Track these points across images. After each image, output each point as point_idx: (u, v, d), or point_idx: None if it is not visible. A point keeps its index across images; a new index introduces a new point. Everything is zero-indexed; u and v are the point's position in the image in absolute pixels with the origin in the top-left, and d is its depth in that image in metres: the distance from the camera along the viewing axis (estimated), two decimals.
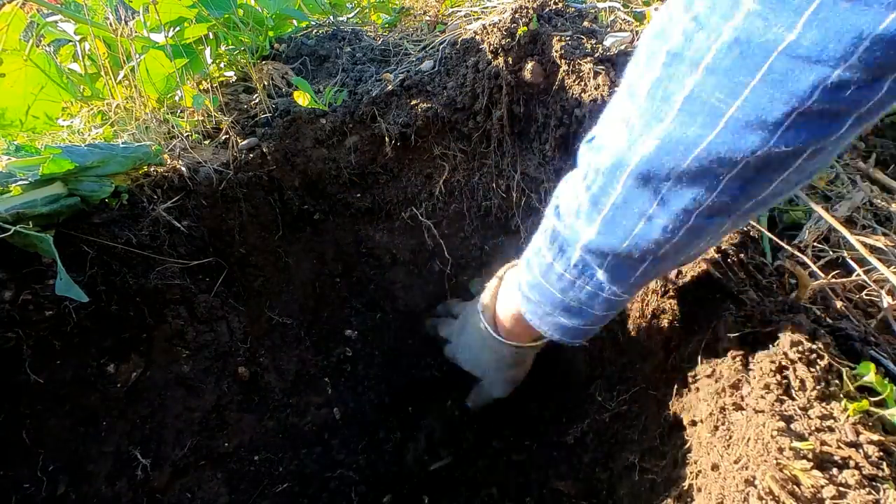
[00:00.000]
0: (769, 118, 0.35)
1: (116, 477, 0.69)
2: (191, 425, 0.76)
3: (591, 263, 0.54)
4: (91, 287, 0.69)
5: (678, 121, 0.39)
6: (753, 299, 0.63)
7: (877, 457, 0.44)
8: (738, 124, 0.36)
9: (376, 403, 0.95)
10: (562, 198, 0.56)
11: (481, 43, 0.93)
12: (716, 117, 0.37)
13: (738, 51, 0.34)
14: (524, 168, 1.00)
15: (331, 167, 0.99)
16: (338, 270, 1.06)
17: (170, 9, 0.99)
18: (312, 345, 0.99)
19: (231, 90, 1.09)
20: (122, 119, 0.96)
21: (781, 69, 0.33)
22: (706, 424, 0.55)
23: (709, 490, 0.49)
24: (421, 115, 0.96)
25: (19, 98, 1.03)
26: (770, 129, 0.35)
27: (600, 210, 0.49)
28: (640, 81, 0.41)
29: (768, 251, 0.75)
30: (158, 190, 0.82)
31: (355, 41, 1.15)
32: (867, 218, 0.82)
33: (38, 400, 0.66)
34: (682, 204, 0.43)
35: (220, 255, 0.88)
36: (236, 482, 0.77)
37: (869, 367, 0.51)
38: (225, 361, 0.82)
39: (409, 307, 1.07)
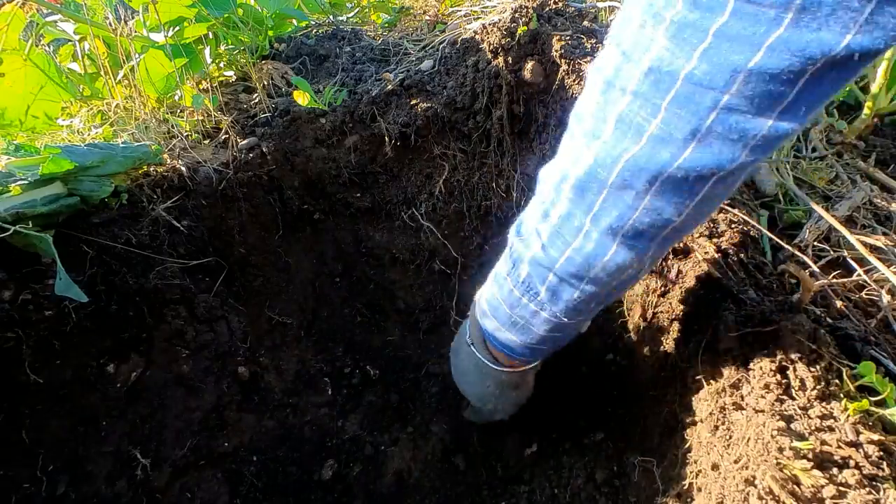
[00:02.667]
0: (678, 134, 0.41)
1: (116, 477, 0.69)
2: (190, 425, 0.76)
3: (535, 281, 0.57)
4: (91, 287, 0.69)
5: (612, 137, 0.45)
6: (753, 299, 0.63)
7: (877, 456, 0.44)
8: (655, 139, 0.42)
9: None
10: (525, 216, 0.59)
11: (481, 42, 0.93)
12: (639, 133, 0.43)
13: (653, 77, 0.40)
14: (524, 167, 1.00)
15: (330, 167, 0.99)
16: (338, 270, 1.06)
17: (169, 8, 0.99)
18: (312, 345, 0.99)
19: (231, 90, 1.09)
20: (121, 119, 0.96)
21: (686, 92, 0.39)
22: (706, 424, 0.55)
23: (709, 490, 0.49)
24: (421, 114, 0.96)
25: (19, 98, 1.03)
26: (679, 146, 0.41)
27: (549, 222, 0.53)
28: (585, 106, 0.47)
29: (768, 251, 0.75)
30: (158, 190, 0.82)
31: (355, 41, 1.15)
32: (867, 217, 0.82)
33: (38, 400, 0.66)
34: (609, 220, 0.48)
35: (220, 255, 0.88)
36: (236, 482, 0.77)
37: (869, 366, 0.51)
38: (225, 361, 0.82)
39: (409, 307, 1.07)
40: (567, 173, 0.49)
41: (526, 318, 0.60)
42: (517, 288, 0.59)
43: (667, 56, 0.39)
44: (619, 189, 0.46)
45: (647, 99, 0.41)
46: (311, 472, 0.82)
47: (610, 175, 0.45)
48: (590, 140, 0.46)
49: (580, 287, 0.54)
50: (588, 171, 0.47)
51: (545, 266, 0.55)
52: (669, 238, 0.49)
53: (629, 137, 0.43)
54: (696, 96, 0.39)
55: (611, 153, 0.45)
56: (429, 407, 0.93)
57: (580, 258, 0.51)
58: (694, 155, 0.41)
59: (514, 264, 0.59)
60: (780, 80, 0.35)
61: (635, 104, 0.42)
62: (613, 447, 0.78)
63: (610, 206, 0.47)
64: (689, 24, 0.37)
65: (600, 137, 0.45)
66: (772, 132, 0.38)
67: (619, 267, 0.51)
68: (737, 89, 0.37)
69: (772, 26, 0.34)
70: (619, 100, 0.43)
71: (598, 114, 0.45)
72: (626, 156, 0.44)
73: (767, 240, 0.76)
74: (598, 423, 0.83)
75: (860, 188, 0.86)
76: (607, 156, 0.45)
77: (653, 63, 0.40)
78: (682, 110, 0.40)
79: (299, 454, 0.84)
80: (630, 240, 0.49)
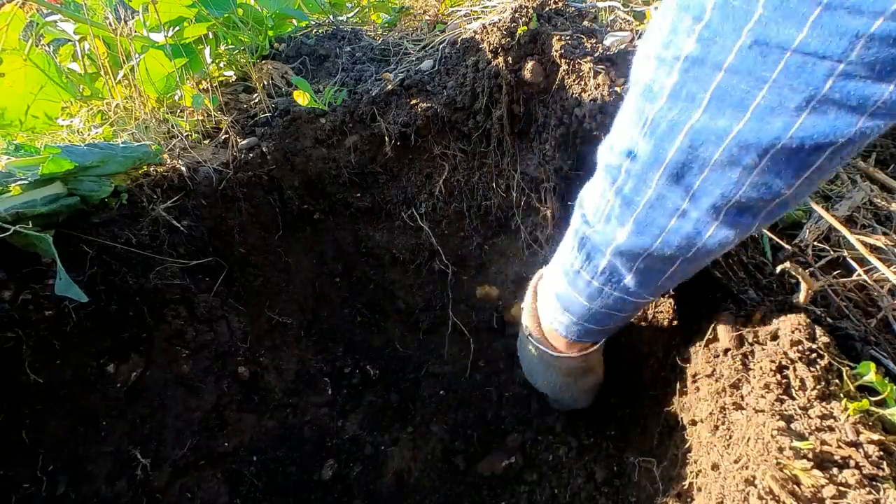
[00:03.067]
0: (790, 104, 0.39)
1: (116, 477, 0.69)
2: (190, 425, 0.76)
3: (619, 268, 0.56)
4: (91, 287, 0.69)
5: (707, 115, 0.43)
6: (753, 299, 0.63)
7: (877, 456, 0.44)
8: (763, 111, 0.40)
9: None
10: (587, 204, 0.58)
11: (481, 42, 0.93)
12: (742, 108, 0.41)
13: (757, 50, 0.39)
14: (524, 167, 1.00)
15: (330, 167, 0.99)
16: (338, 270, 1.06)
17: (169, 8, 0.99)
18: (312, 345, 0.99)
19: (231, 90, 1.09)
20: (121, 119, 0.96)
21: (797, 63, 0.38)
22: (706, 424, 0.55)
23: (709, 489, 0.49)
24: (421, 114, 0.96)
25: (19, 98, 1.03)
26: (791, 114, 0.39)
27: (633, 210, 0.51)
28: (658, 86, 0.45)
29: (768, 250, 0.75)
30: (158, 190, 0.82)
31: (355, 41, 1.15)
32: (867, 217, 0.81)
33: (37, 400, 0.66)
34: (711, 199, 0.46)
35: (220, 255, 0.88)
36: (236, 482, 0.77)
37: (869, 366, 0.51)
38: (225, 361, 0.82)
39: (409, 307, 1.07)
40: (656, 158, 0.47)
41: (609, 306, 0.60)
42: (596, 279, 0.58)
43: (773, 27, 0.38)
44: (724, 166, 0.44)
45: (749, 73, 0.40)
46: (311, 472, 0.82)
47: (712, 155, 0.44)
48: (678, 120, 0.45)
49: (673, 267, 0.53)
50: (683, 152, 0.45)
51: (634, 253, 0.53)
52: (775, 212, 0.47)
53: (729, 113, 0.42)
54: (809, 66, 0.37)
55: (712, 131, 0.43)
56: (429, 407, 0.93)
57: (677, 240, 0.50)
58: (808, 123, 0.39)
59: (588, 257, 0.58)
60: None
61: (734, 80, 0.41)
62: (613, 447, 0.78)
63: (712, 185, 0.46)
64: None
65: (692, 117, 0.44)
66: (894, 96, 0.37)
67: (721, 244, 0.49)
68: (856, 55, 0.35)
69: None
70: (713, 76, 0.42)
71: (680, 93, 0.44)
72: (732, 131, 0.42)
73: (767, 239, 0.76)
74: (598, 422, 0.83)
75: (860, 188, 0.86)
76: (708, 134, 0.44)
77: (756, 36, 0.38)
78: (794, 81, 0.38)
79: (299, 454, 0.84)
80: (734, 217, 0.47)
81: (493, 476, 0.83)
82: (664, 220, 0.50)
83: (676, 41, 0.43)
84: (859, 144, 0.41)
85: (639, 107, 0.48)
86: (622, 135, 0.51)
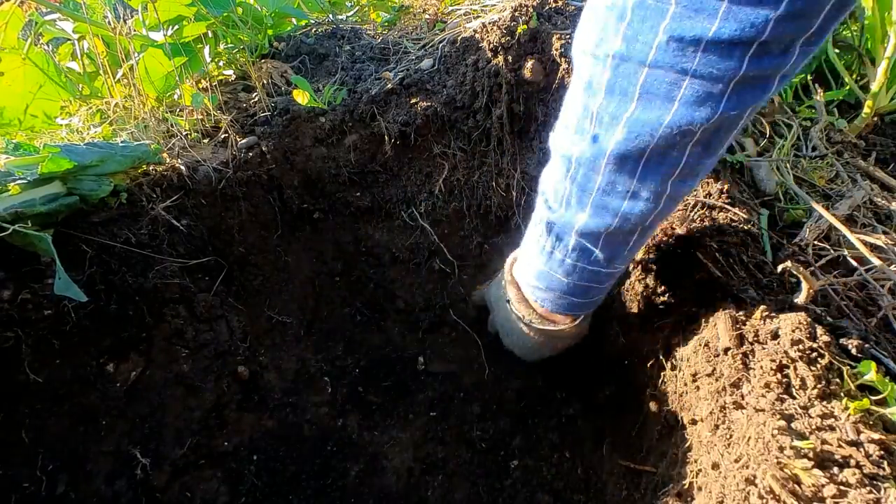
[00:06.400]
0: (714, 90, 0.44)
1: (116, 476, 0.69)
2: (190, 424, 0.76)
3: (587, 245, 0.61)
4: (90, 286, 0.69)
5: (640, 108, 0.48)
6: (754, 298, 0.63)
7: (878, 455, 0.44)
8: (689, 101, 0.45)
9: None
10: (547, 190, 0.63)
11: (481, 41, 0.93)
12: (670, 100, 0.46)
13: (674, 45, 0.43)
14: (524, 166, 1.00)
15: (330, 166, 0.99)
16: (337, 269, 1.06)
17: (169, 7, 0.99)
18: (312, 344, 0.98)
19: (230, 89, 1.09)
20: (120, 118, 0.96)
21: (713, 52, 0.42)
22: (706, 423, 0.55)
23: (709, 489, 0.49)
24: (420, 113, 0.96)
25: (18, 97, 1.02)
26: (717, 99, 0.44)
27: (589, 195, 0.56)
28: (596, 82, 0.50)
29: (769, 250, 0.75)
30: (157, 189, 0.82)
31: (355, 39, 1.15)
32: (867, 216, 0.81)
33: (37, 399, 0.66)
34: (658, 175, 0.51)
35: (220, 254, 0.88)
36: (236, 482, 0.77)
37: (869, 365, 0.51)
38: (224, 360, 0.82)
39: (408, 306, 1.07)
40: (600, 148, 0.52)
41: (586, 279, 0.64)
42: (569, 256, 0.63)
43: (687, 23, 0.42)
44: (663, 150, 0.49)
45: (672, 66, 0.44)
46: (311, 471, 0.82)
47: (650, 142, 0.49)
48: (616, 112, 0.49)
49: (635, 237, 0.58)
50: (624, 142, 0.50)
51: (597, 232, 0.58)
52: (710, 166, 0.53)
53: (659, 105, 0.47)
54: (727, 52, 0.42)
55: (646, 122, 0.48)
56: (429, 406, 0.93)
57: (634, 217, 0.55)
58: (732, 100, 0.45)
59: (557, 238, 0.63)
60: None
61: (658, 74, 0.45)
62: (613, 446, 0.78)
63: (655, 166, 0.51)
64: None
65: (627, 110, 0.48)
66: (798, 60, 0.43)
67: (673, 208, 0.56)
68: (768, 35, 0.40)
69: None
70: (639, 72, 0.46)
71: (614, 88, 0.49)
72: (664, 121, 0.47)
73: (768, 239, 0.76)
74: (598, 422, 0.83)
75: (860, 187, 0.85)
76: (643, 125, 0.48)
77: (672, 31, 0.43)
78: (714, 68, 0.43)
79: (299, 453, 0.83)
80: (679, 184, 0.52)
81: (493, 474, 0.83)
82: (618, 202, 0.55)
83: (606, 39, 0.48)
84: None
85: (584, 101, 0.53)
86: (571, 126, 0.55)
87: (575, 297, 0.68)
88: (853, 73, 1.13)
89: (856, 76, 1.12)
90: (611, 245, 0.60)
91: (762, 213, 0.81)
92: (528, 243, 0.70)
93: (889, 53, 0.93)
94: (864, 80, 1.10)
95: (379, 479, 0.83)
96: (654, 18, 0.43)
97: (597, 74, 0.50)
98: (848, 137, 1.00)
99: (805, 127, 1.02)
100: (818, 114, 1.04)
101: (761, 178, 0.89)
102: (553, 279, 0.67)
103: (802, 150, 0.97)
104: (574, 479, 0.79)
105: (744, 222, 0.76)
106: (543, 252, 0.66)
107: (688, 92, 0.45)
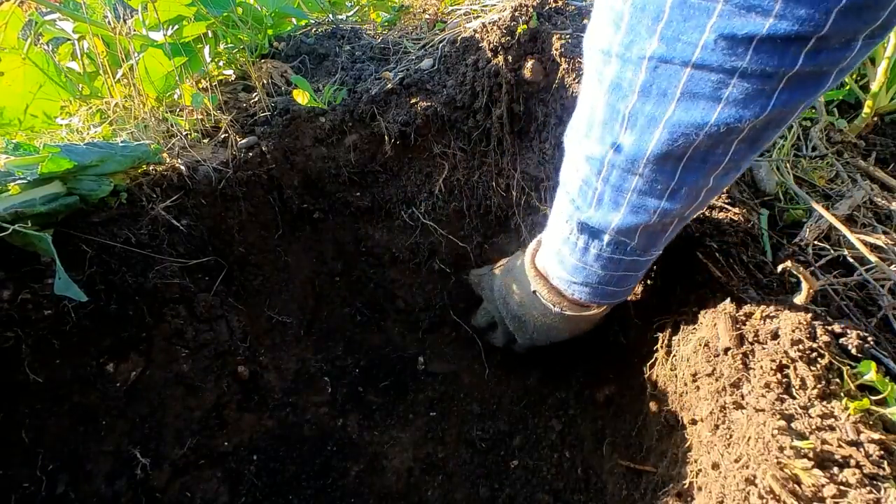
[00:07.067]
0: (766, 88, 0.42)
1: (116, 476, 0.69)
2: (190, 424, 0.76)
3: (624, 239, 0.59)
4: (90, 286, 0.69)
5: (681, 109, 0.46)
6: (754, 298, 0.63)
7: (878, 455, 0.44)
8: (737, 100, 0.43)
9: None
10: (572, 190, 0.61)
11: (481, 41, 0.93)
12: (716, 100, 0.44)
13: (723, 44, 0.41)
14: (524, 166, 1.00)
15: (330, 166, 0.99)
16: (337, 269, 1.06)
17: (168, 7, 0.99)
18: (312, 344, 0.98)
19: (230, 89, 1.09)
20: (120, 118, 0.96)
21: (766, 49, 0.40)
22: (706, 423, 0.55)
23: (709, 489, 0.49)
24: (420, 113, 0.96)
25: (18, 97, 1.02)
26: (767, 96, 0.42)
27: (624, 195, 0.55)
28: (627, 83, 0.48)
29: (769, 250, 0.75)
30: (157, 189, 0.82)
31: (354, 39, 1.15)
32: (867, 216, 0.81)
33: (37, 399, 0.66)
34: (702, 173, 0.50)
35: (220, 254, 0.88)
36: (236, 481, 0.77)
37: (869, 365, 0.51)
38: (224, 360, 0.82)
39: (408, 306, 1.07)
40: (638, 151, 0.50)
41: (624, 268, 0.64)
42: (604, 251, 0.62)
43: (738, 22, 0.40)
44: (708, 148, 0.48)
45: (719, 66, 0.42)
46: (311, 471, 0.82)
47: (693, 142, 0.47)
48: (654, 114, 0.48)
49: (674, 225, 0.58)
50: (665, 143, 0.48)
51: (634, 228, 0.57)
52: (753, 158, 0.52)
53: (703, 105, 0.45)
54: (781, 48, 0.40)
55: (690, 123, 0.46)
56: (429, 406, 0.93)
57: (674, 211, 0.54)
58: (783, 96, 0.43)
59: (592, 235, 0.62)
60: None
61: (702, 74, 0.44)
62: (613, 446, 0.78)
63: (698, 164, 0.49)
64: None
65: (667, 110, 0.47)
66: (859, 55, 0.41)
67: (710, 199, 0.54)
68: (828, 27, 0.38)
69: None
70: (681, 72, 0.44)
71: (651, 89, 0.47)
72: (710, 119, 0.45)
73: (768, 239, 0.76)
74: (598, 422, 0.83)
75: (860, 187, 0.85)
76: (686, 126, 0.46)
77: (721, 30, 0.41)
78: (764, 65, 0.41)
79: (299, 454, 0.83)
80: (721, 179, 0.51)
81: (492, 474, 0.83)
82: (656, 202, 0.53)
83: (637, 40, 0.45)
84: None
85: (611, 102, 0.50)
86: (599, 126, 0.53)
87: (612, 286, 0.67)
88: (853, 73, 1.14)
89: (856, 76, 1.12)
90: (648, 237, 0.59)
91: (762, 213, 0.81)
92: (554, 239, 0.68)
93: (889, 53, 0.93)
94: (864, 80, 1.10)
95: (379, 479, 0.83)
96: (699, 17, 0.41)
97: (627, 76, 0.47)
98: (848, 137, 1.00)
99: (805, 127, 1.02)
100: (818, 114, 1.04)
101: (761, 178, 0.89)
102: (590, 273, 0.66)
103: (802, 149, 0.97)
104: (574, 479, 0.79)
105: (744, 222, 0.76)
106: (577, 249, 0.64)
107: (736, 91, 0.42)
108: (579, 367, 0.91)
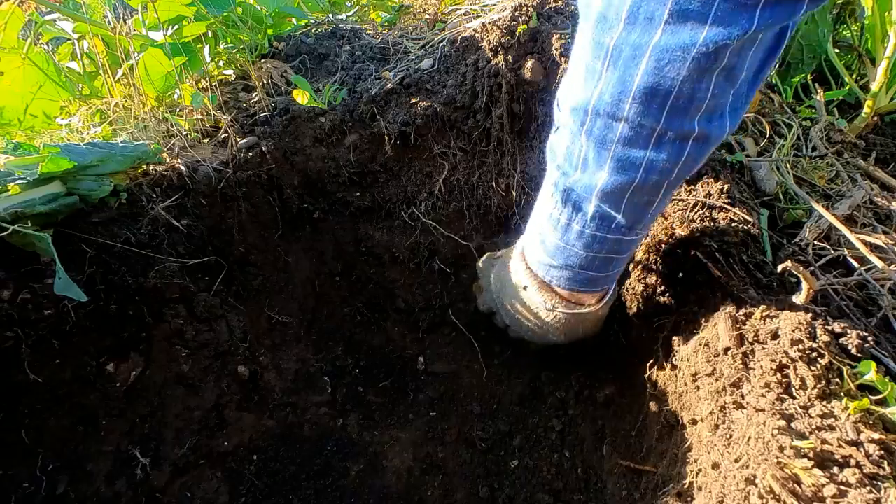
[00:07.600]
0: (749, 2, 0.41)
1: (116, 476, 0.69)
2: (190, 424, 0.76)
3: (609, 211, 0.57)
4: (90, 286, 0.69)
5: (668, 33, 0.44)
6: (754, 298, 0.63)
7: (878, 455, 0.44)
8: (724, 16, 0.42)
9: None
10: (559, 155, 0.58)
11: (481, 41, 0.93)
12: (703, 19, 0.43)
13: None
14: (524, 166, 1.00)
15: (330, 166, 0.99)
16: (337, 269, 1.06)
17: (168, 7, 0.99)
18: (312, 344, 0.98)
19: (230, 88, 1.09)
20: (120, 118, 0.96)
21: None
22: (706, 423, 0.55)
23: (709, 489, 0.49)
24: (420, 113, 0.96)
25: (17, 96, 1.02)
26: (751, 10, 0.42)
27: (608, 149, 0.52)
28: (613, 12, 0.46)
29: (769, 250, 0.75)
30: (157, 189, 0.82)
31: (354, 39, 1.15)
32: (867, 216, 0.81)
33: (37, 399, 0.66)
34: (686, 115, 0.47)
35: (220, 254, 0.88)
36: (236, 481, 0.77)
37: (870, 365, 0.51)
38: (224, 360, 0.81)
39: (408, 306, 1.07)
40: (623, 89, 0.48)
41: (608, 249, 0.61)
42: (588, 227, 0.60)
43: None
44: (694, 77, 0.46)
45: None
46: (311, 471, 0.82)
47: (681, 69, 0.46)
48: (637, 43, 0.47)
49: (660, 193, 0.55)
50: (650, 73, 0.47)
51: (620, 191, 0.54)
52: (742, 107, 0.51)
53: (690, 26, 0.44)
54: None
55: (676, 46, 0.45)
56: (429, 406, 0.93)
57: (660, 166, 0.51)
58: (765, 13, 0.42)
59: (575, 207, 0.59)
60: None
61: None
62: (613, 446, 0.78)
63: (685, 101, 0.47)
64: None
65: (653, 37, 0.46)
66: None
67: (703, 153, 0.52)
68: None
69: None
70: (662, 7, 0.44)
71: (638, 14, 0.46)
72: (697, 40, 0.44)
73: (768, 238, 0.76)
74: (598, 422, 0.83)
75: (860, 187, 0.85)
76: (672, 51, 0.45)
77: None
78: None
79: (299, 454, 0.83)
80: (706, 122, 0.49)
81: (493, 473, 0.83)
82: (641, 152, 0.51)
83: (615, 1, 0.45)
84: None
85: (596, 39, 0.49)
86: (581, 74, 0.51)
87: (593, 270, 0.65)
88: (853, 73, 1.14)
89: (856, 76, 1.12)
90: (634, 207, 0.56)
91: (762, 213, 0.81)
92: (538, 221, 0.67)
93: (889, 53, 0.93)
94: (864, 80, 1.10)
95: (379, 479, 0.83)
96: None
97: (613, 5, 0.46)
98: (848, 137, 1.00)
99: (805, 127, 1.02)
100: (818, 113, 1.04)
101: (761, 178, 0.89)
102: (570, 254, 0.63)
103: (802, 149, 0.97)
104: (574, 479, 0.79)
105: (744, 222, 0.76)
106: (559, 226, 0.62)
107: (722, 7, 0.42)
108: (579, 367, 0.91)
